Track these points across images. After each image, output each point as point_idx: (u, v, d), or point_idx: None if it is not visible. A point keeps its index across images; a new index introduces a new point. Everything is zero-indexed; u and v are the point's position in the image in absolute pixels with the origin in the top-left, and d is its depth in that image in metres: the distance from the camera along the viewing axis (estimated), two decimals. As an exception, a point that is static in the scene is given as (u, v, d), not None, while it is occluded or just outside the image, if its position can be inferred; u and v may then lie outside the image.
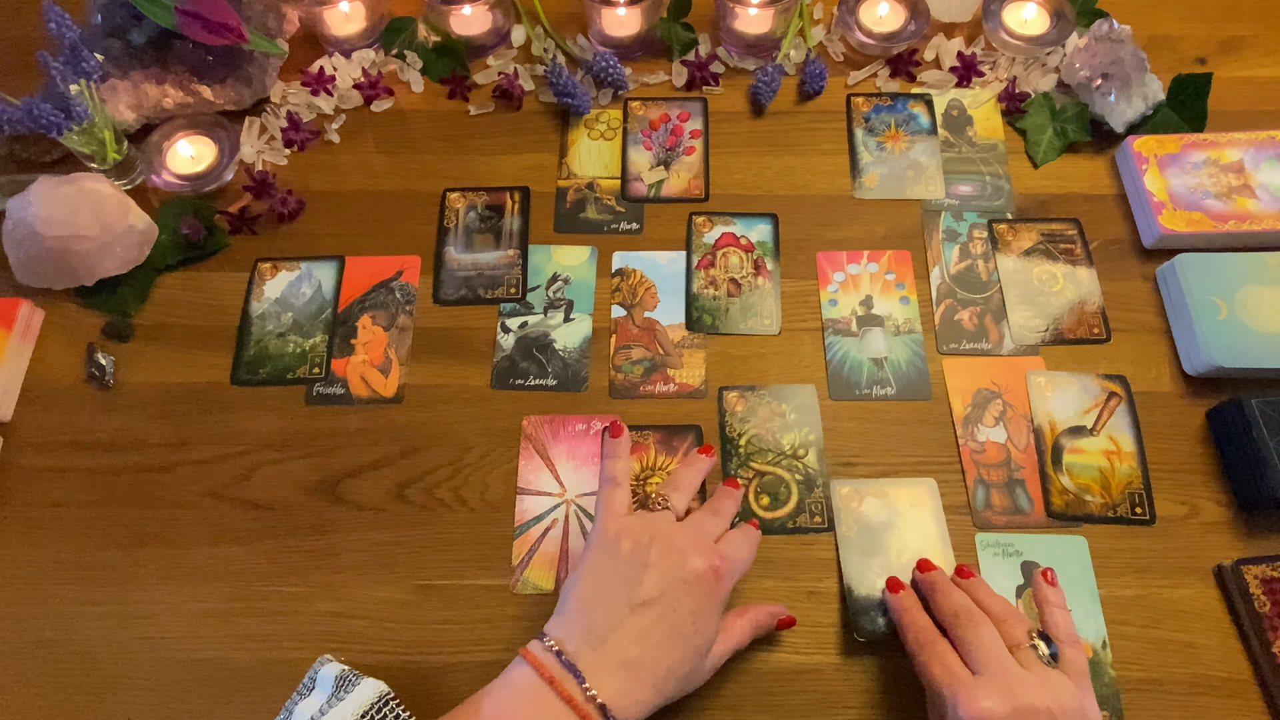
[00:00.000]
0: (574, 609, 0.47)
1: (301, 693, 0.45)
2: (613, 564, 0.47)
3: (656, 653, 0.45)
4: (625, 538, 0.48)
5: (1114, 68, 0.69)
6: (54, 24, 0.60)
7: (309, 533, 0.58)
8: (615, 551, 0.47)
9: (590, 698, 0.43)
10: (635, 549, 0.47)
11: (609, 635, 0.45)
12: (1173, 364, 0.62)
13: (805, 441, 0.60)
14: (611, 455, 0.53)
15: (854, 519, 0.56)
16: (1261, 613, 0.52)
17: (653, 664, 0.45)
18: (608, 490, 0.51)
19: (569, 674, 0.44)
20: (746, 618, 0.51)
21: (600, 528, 0.49)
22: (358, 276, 0.67)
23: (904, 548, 0.56)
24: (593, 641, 0.45)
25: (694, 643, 0.46)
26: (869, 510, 0.57)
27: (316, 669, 0.45)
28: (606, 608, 0.46)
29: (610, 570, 0.47)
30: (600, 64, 0.72)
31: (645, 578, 0.46)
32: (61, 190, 0.62)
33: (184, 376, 0.63)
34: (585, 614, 0.46)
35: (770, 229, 0.68)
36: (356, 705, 0.41)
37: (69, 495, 0.59)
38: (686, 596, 0.46)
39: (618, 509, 0.50)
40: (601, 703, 0.43)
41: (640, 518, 0.49)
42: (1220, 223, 0.64)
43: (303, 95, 0.74)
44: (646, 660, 0.45)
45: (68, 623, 0.55)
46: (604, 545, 0.48)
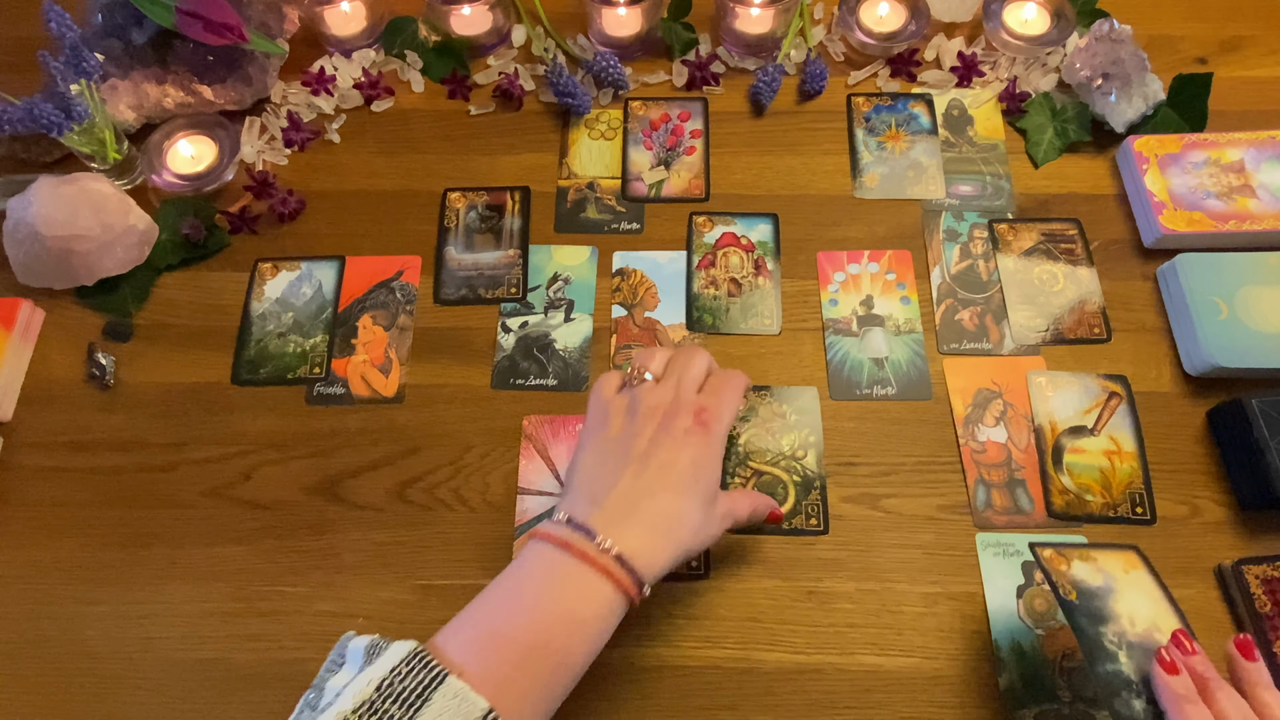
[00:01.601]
0: (576, 486, 0.47)
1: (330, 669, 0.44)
2: (605, 439, 0.48)
3: (663, 503, 0.46)
4: (613, 415, 0.49)
5: (1114, 68, 0.69)
6: (54, 24, 0.60)
7: (309, 533, 0.58)
8: (605, 429, 0.49)
9: (605, 550, 0.43)
10: (624, 421, 0.49)
11: (612, 493, 0.46)
12: (1173, 364, 0.62)
13: (805, 443, 0.60)
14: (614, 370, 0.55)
15: (1069, 583, 0.49)
16: (1263, 613, 0.52)
17: (662, 514, 0.45)
18: (600, 380, 0.52)
19: (581, 534, 0.44)
20: (750, 495, 0.52)
21: (590, 411, 0.51)
22: (358, 276, 0.67)
23: (1135, 615, 0.48)
24: (599, 502, 0.45)
25: (698, 489, 0.47)
26: (1081, 573, 0.49)
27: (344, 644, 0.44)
28: (607, 473, 0.47)
29: (603, 446, 0.48)
30: (600, 64, 0.72)
31: (636, 442, 0.47)
32: (62, 190, 0.62)
33: (184, 376, 0.63)
34: (587, 485, 0.47)
35: (771, 229, 0.68)
36: (388, 664, 0.40)
37: (69, 495, 0.59)
38: (681, 450, 0.47)
39: (606, 394, 0.51)
40: (618, 554, 0.43)
41: (623, 395, 0.50)
42: (1221, 223, 0.64)
43: (303, 95, 0.74)
44: (655, 511, 0.45)
45: (68, 623, 0.55)
46: (595, 427, 0.50)
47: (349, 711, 0.37)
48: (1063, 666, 0.52)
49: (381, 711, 0.38)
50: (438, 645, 0.42)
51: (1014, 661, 0.53)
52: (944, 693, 0.52)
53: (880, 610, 0.55)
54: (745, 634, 0.54)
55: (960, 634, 0.54)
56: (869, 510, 0.58)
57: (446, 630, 0.43)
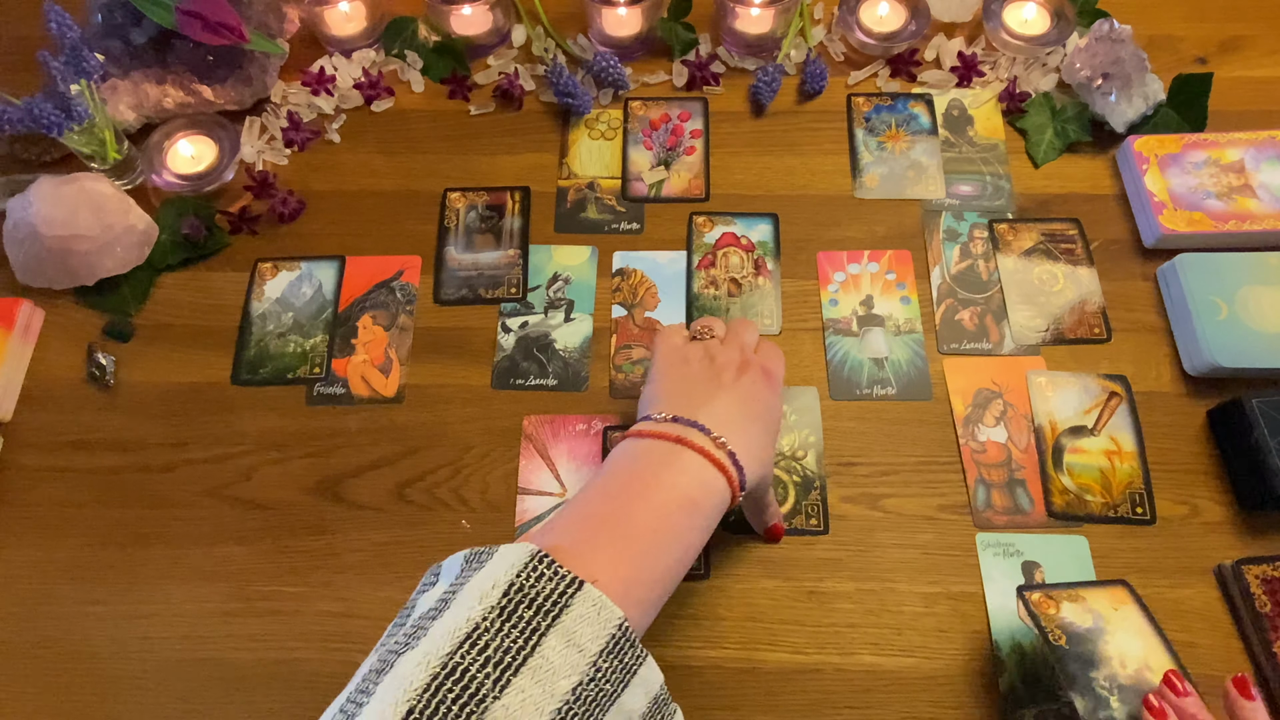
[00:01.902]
0: (668, 396, 0.48)
1: (423, 588, 0.41)
2: (688, 371, 0.49)
3: (754, 425, 0.47)
4: (692, 358, 0.50)
5: (1114, 68, 0.69)
6: (54, 24, 0.60)
7: (309, 533, 0.58)
8: (686, 365, 0.50)
9: (721, 444, 0.44)
10: (704, 363, 0.49)
11: (712, 405, 0.46)
12: (1173, 364, 0.62)
13: (805, 443, 0.60)
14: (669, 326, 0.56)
15: (1057, 626, 0.49)
16: (1263, 612, 0.52)
17: (755, 432, 0.47)
18: (666, 332, 0.54)
19: (693, 429, 0.44)
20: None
21: (662, 352, 0.52)
22: (358, 276, 0.67)
23: (1125, 656, 0.48)
24: (701, 408, 0.46)
25: (775, 433, 0.49)
26: (1070, 615, 0.49)
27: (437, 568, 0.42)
28: (700, 392, 0.47)
29: (687, 375, 0.49)
30: (600, 64, 0.72)
31: (723, 375, 0.48)
32: (62, 190, 0.62)
33: (184, 376, 0.63)
34: (683, 396, 0.47)
35: (771, 229, 0.68)
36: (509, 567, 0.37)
37: (69, 495, 0.59)
38: (760, 391, 0.48)
39: (677, 342, 0.52)
40: (731, 450, 0.44)
41: (697, 344, 0.52)
42: (1221, 223, 0.64)
43: (303, 95, 0.74)
44: (750, 428, 0.46)
45: (68, 622, 0.55)
46: (674, 361, 0.50)
47: (478, 617, 0.35)
48: (1063, 666, 0.52)
49: (514, 616, 0.35)
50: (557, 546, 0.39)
51: (1014, 661, 0.53)
52: (944, 693, 0.52)
53: (880, 610, 0.55)
54: (745, 634, 0.54)
55: (960, 634, 0.54)
56: (869, 510, 0.58)
57: (554, 526, 0.42)
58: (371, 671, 0.35)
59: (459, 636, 0.34)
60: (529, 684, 0.34)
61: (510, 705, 0.33)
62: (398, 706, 0.32)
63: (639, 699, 0.38)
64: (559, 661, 0.35)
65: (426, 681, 0.33)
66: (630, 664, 0.37)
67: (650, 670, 0.38)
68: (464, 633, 0.34)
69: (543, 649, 0.35)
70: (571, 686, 0.35)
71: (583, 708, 0.35)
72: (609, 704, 0.36)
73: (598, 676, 0.36)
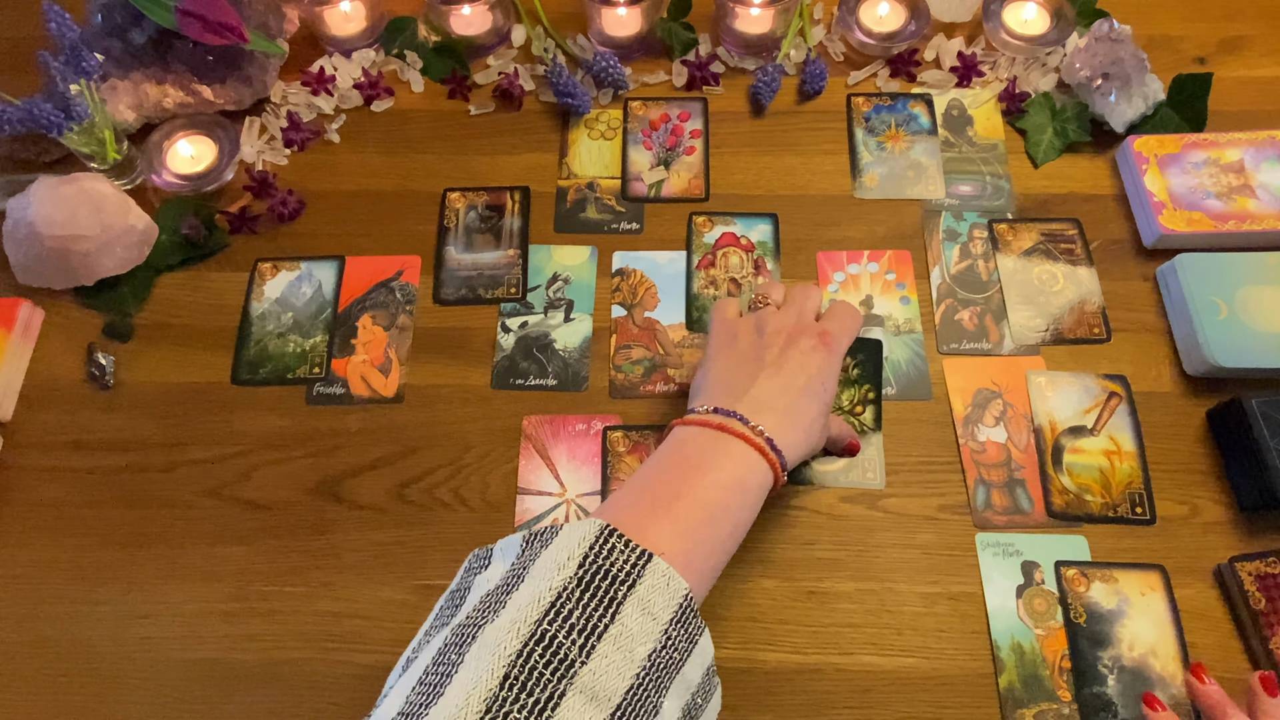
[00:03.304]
0: (713, 384, 0.50)
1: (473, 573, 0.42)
2: (734, 352, 0.51)
3: (798, 401, 0.49)
4: (741, 334, 0.52)
5: (1114, 68, 0.69)
6: (54, 24, 0.60)
7: (309, 533, 0.58)
8: (734, 344, 0.52)
9: (759, 432, 0.46)
10: (752, 338, 0.52)
11: (753, 390, 0.48)
12: (1173, 364, 0.62)
13: (864, 398, 0.60)
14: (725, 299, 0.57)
15: (1081, 604, 0.54)
16: (1258, 610, 0.52)
17: (796, 412, 0.48)
18: (721, 307, 0.55)
19: (733, 419, 0.47)
20: (838, 420, 0.55)
21: (715, 331, 0.54)
22: (358, 276, 0.67)
23: (1136, 640, 0.53)
24: (741, 397, 0.48)
25: (824, 397, 0.50)
26: (1097, 595, 0.54)
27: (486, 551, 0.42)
28: (743, 376, 0.49)
29: (734, 357, 0.51)
30: (600, 64, 0.72)
31: (767, 353, 0.50)
32: (62, 190, 0.62)
33: (184, 376, 0.63)
34: (725, 384, 0.50)
35: (770, 229, 0.68)
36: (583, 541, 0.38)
37: (69, 495, 0.59)
38: (809, 359, 0.50)
39: (730, 315, 0.54)
40: (769, 436, 0.46)
41: (747, 317, 0.54)
42: (1220, 223, 0.64)
43: (303, 95, 0.74)
44: (791, 408, 0.48)
45: (68, 622, 0.55)
46: (723, 341, 0.52)
47: (560, 587, 0.36)
48: (1062, 667, 0.53)
49: (593, 587, 0.37)
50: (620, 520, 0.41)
51: (1013, 661, 0.53)
52: (943, 693, 0.52)
53: (880, 610, 0.55)
54: (745, 634, 0.54)
55: (960, 634, 0.54)
56: (869, 510, 0.58)
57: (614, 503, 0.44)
58: (448, 646, 0.36)
59: (544, 605, 0.36)
60: (611, 650, 0.36)
61: (596, 670, 0.35)
62: (494, 671, 0.33)
63: (696, 669, 0.40)
64: (636, 629, 0.37)
65: (519, 648, 0.34)
66: (693, 634, 0.39)
67: (706, 642, 0.40)
68: (548, 602, 0.36)
69: (621, 617, 0.37)
70: (648, 653, 0.37)
71: (656, 674, 0.37)
72: (675, 672, 0.38)
73: (668, 644, 0.38)
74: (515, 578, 0.38)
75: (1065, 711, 0.51)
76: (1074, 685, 0.52)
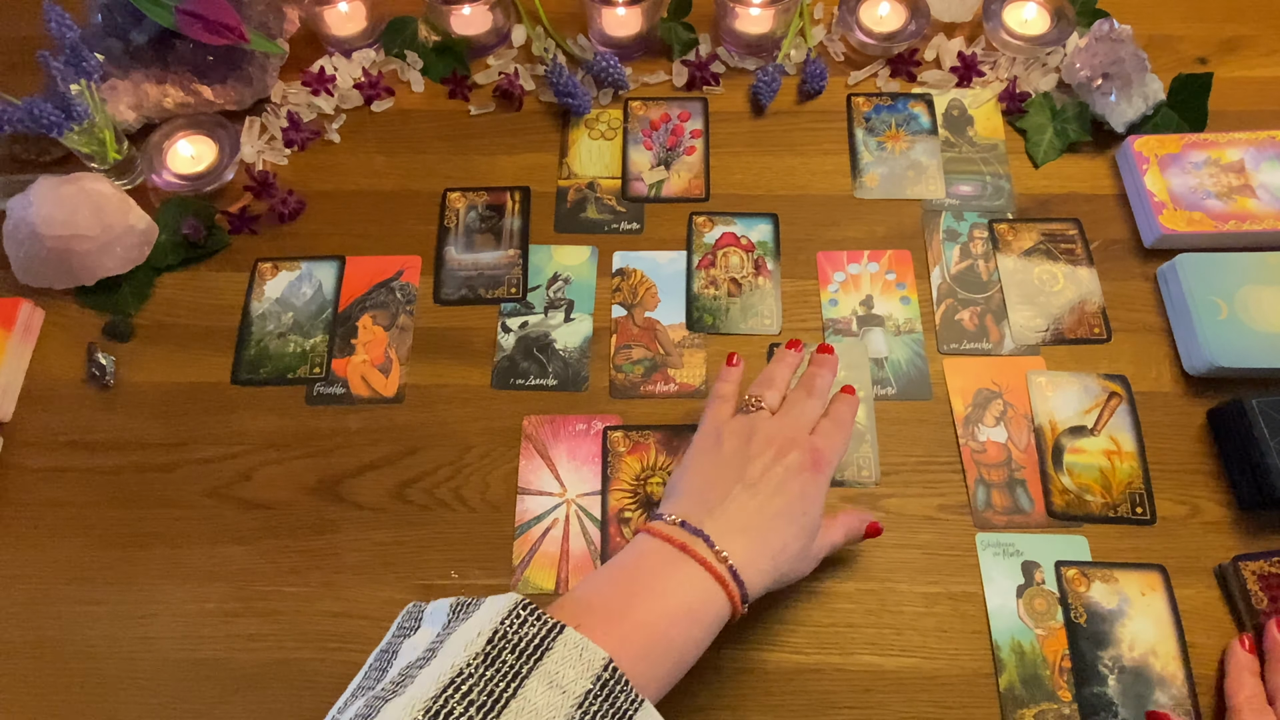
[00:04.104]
0: (687, 491, 0.48)
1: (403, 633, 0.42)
2: (717, 457, 0.49)
3: (772, 525, 0.46)
4: (727, 437, 0.50)
5: (1114, 68, 0.69)
6: (54, 24, 0.60)
7: (309, 533, 0.58)
8: (718, 448, 0.49)
9: (723, 559, 0.44)
10: (737, 447, 0.49)
11: (726, 505, 0.46)
12: (1173, 364, 0.62)
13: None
14: (724, 379, 0.55)
15: (1081, 604, 0.54)
16: (1259, 609, 0.52)
17: (769, 534, 0.46)
18: (716, 404, 0.53)
19: (698, 538, 0.44)
20: (840, 519, 0.53)
21: (702, 431, 0.52)
22: (358, 276, 0.67)
23: (1136, 640, 0.53)
24: (712, 512, 0.46)
25: (803, 522, 0.47)
26: (1098, 595, 0.54)
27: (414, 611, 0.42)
28: (720, 487, 0.47)
29: (716, 462, 0.49)
30: (600, 64, 0.72)
31: (750, 465, 0.48)
32: (62, 190, 0.62)
33: (184, 376, 0.63)
34: (699, 493, 0.47)
35: (771, 229, 0.68)
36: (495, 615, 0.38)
37: (69, 495, 0.59)
38: (792, 480, 0.48)
39: (722, 416, 0.52)
40: (732, 565, 0.44)
41: (739, 419, 0.51)
42: (1221, 223, 0.64)
43: (303, 95, 0.74)
44: (765, 530, 0.46)
45: (68, 623, 0.55)
46: (708, 444, 0.50)
47: (463, 664, 0.36)
48: (1062, 666, 0.52)
49: (498, 662, 0.36)
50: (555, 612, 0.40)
51: (1014, 661, 0.53)
52: (944, 693, 0.52)
53: (880, 610, 0.55)
54: (745, 634, 0.54)
55: (960, 634, 0.54)
56: (869, 510, 0.58)
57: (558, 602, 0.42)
58: (358, 717, 0.36)
59: (443, 682, 0.35)
60: None
61: None
62: None
63: None
64: (542, 703, 0.36)
65: None
66: (624, 708, 0.37)
67: (648, 715, 0.38)
68: (448, 679, 0.35)
69: (525, 691, 0.36)
70: None
71: None
72: None
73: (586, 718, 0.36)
74: (431, 652, 0.38)
75: (1065, 711, 0.51)
76: (1074, 685, 0.52)
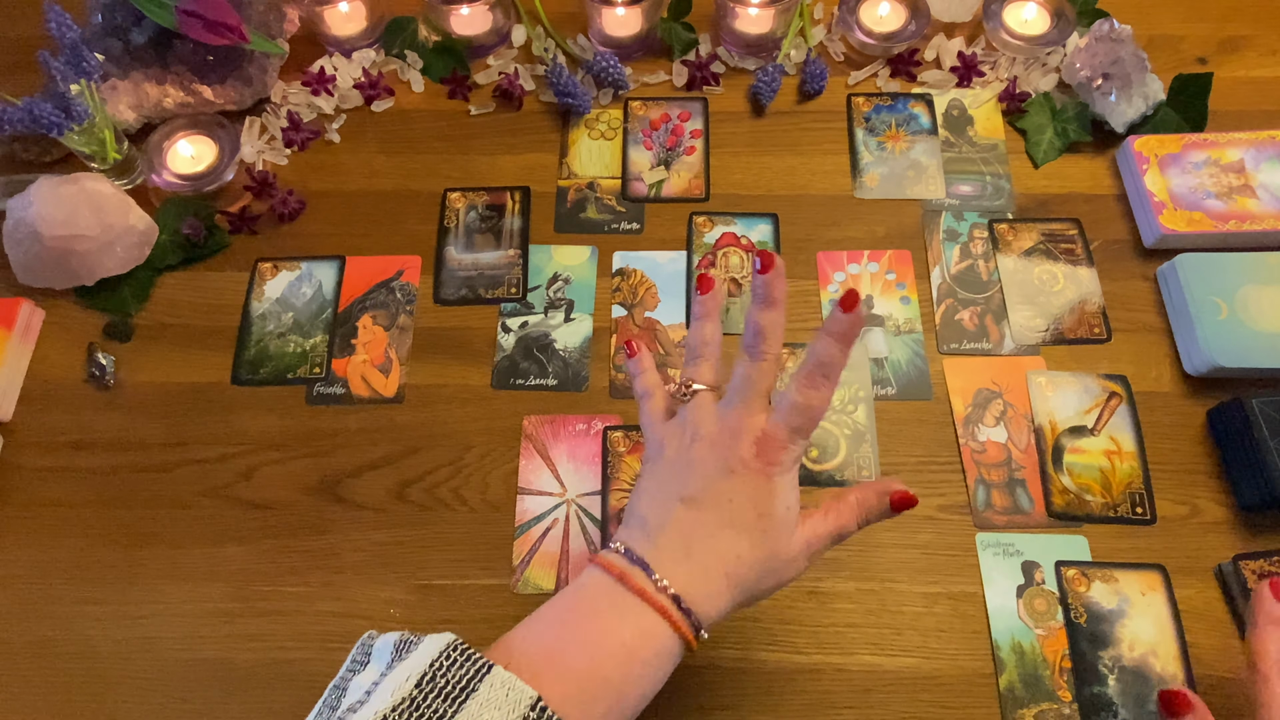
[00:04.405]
0: (633, 515, 0.45)
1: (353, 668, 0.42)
2: (661, 469, 0.45)
3: (720, 543, 0.43)
4: (668, 444, 0.46)
5: (1114, 68, 0.69)
6: (54, 24, 0.60)
7: (309, 533, 0.58)
8: (660, 458, 0.46)
9: (662, 589, 0.41)
10: (679, 452, 0.45)
11: (665, 528, 0.43)
12: (1173, 364, 0.62)
13: (855, 398, 0.61)
14: (637, 373, 0.51)
15: (1081, 604, 0.54)
16: (1260, 609, 0.53)
17: (719, 554, 0.42)
18: (644, 404, 0.50)
19: (637, 568, 0.42)
20: (847, 501, 0.46)
21: (646, 441, 0.48)
22: (358, 276, 0.67)
23: (1136, 640, 0.53)
24: (654, 537, 0.43)
25: (761, 527, 0.43)
26: (1098, 595, 0.54)
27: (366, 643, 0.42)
28: (660, 505, 0.44)
29: (660, 475, 0.45)
30: (600, 64, 0.72)
31: (691, 475, 0.44)
32: (62, 190, 0.62)
33: (184, 376, 0.63)
34: (643, 516, 0.44)
35: (771, 229, 0.68)
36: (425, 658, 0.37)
37: (69, 495, 0.59)
38: (740, 485, 0.43)
39: (657, 418, 0.48)
40: (674, 593, 0.41)
41: (678, 421, 0.47)
42: (1221, 223, 0.64)
43: (303, 95, 0.74)
44: (712, 550, 0.42)
45: (68, 623, 0.55)
46: (651, 456, 0.47)
47: (388, 710, 0.36)
48: (1062, 666, 0.53)
49: (424, 707, 0.36)
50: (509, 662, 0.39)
51: (1014, 661, 0.53)
52: (944, 693, 0.52)
53: (880, 610, 0.55)
54: (744, 634, 0.54)
55: (960, 634, 0.54)
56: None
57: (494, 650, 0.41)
58: None
59: None
60: None
61: None
62: None
63: None
64: None
65: None
66: None
67: None
68: None
69: None
70: None
71: None
72: None
73: None
74: (367, 695, 0.37)
75: (1065, 711, 0.51)
76: (1074, 685, 0.52)
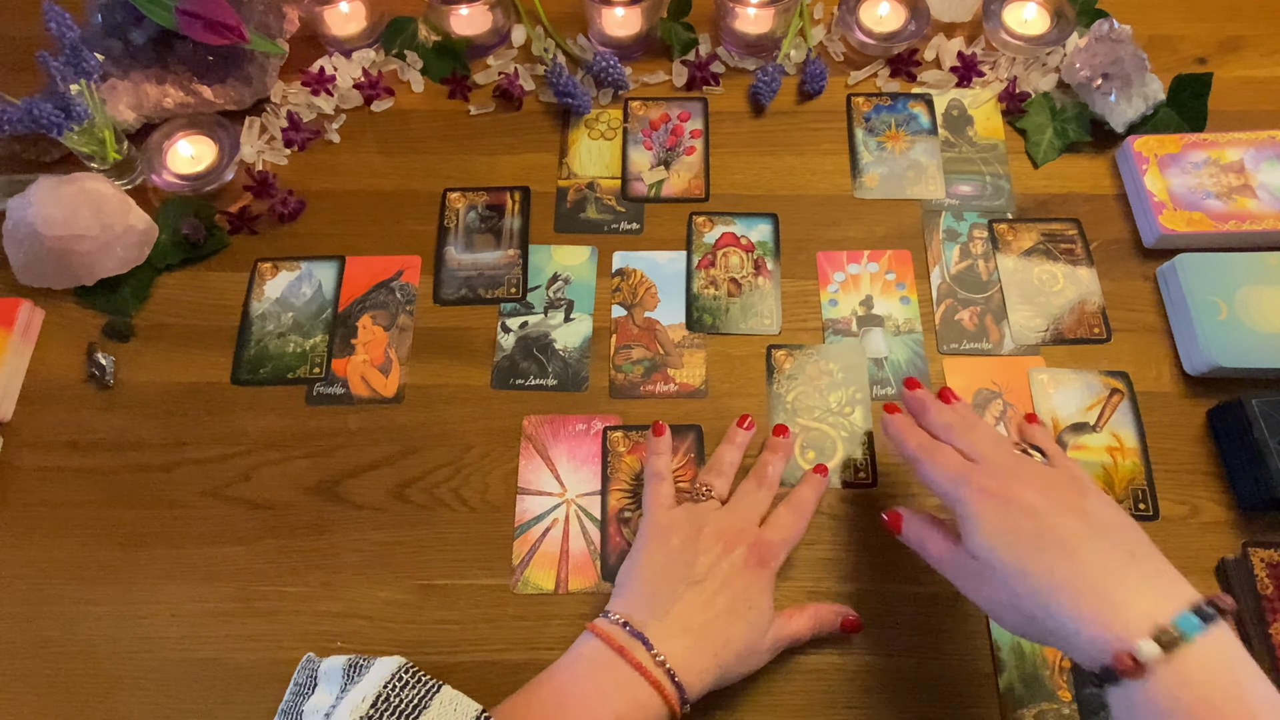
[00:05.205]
0: (633, 589, 0.49)
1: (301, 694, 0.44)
2: (665, 554, 0.50)
3: (717, 623, 0.47)
4: (675, 532, 0.50)
5: (1114, 68, 0.69)
6: (54, 24, 0.60)
7: (309, 533, 0.58)
8: (666, 544, 0.50)
9: (659, 663, 0.45)
10: (685, 541, 0.50)
11: (671, 607, 0.47)
12: (1173, 364, 0.62)
13: (852, 399, 0.60)
14: (655, 452, 0.56)
15: None
16: (1263, 594, 0.53)
17: (714, 633, 0.47)
18: (654, 485, 0.54)
19: (637, 642, 0.45)
20: (808, 612, 0.52)
21: (650, 520, 0.52)
22: (358, 276, 0.67)
23: None
24: (657, 613, 0.47)
25: (749, 617, 0.48)
26: None
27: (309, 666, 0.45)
28: (667, 586, 0.48)
29: (664, 559, 0.49)
30: (600, 64, 0.72)
31: (697, 562, 0.49)
32: (62, 190, 0.62)
33: (184, 376, 0.63)
34: (646, 592, 0.48)
35: (770, 229, 0.68)
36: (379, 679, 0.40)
37: (69, 495, 0.59)
38: (737, 576, 0.49)
39: (665, 502, 0.53)
40: (670, 668, 0.44)
41: (687, 511, 0.52)
42: (1220, 223, 0.64)
43: (303, 95, 0.74)
44: (708, 629, 0.47)
45: (68, 623, 0.55)
46: (655, 538, 0.51)
47: None
48: (1062, 666, 0.52)
49: None
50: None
51: (1014, 661, 0.53)
52: (944, 693, 0.52)
53: (880, 610, 0.55)
54: (745, 634, 0.54)
55: (960, 634, 0.54)
56: (869, 510, 0.58)
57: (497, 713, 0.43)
58: None
59: None
60: None
61: None
62: None
63: None
64: None
65: None
66: None
67: None
68: None
69: None
70: None
71: None
72: None
73: None
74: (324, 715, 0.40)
75: (1065, 711, 0.51)
76: (1074, 685, 0.52)
